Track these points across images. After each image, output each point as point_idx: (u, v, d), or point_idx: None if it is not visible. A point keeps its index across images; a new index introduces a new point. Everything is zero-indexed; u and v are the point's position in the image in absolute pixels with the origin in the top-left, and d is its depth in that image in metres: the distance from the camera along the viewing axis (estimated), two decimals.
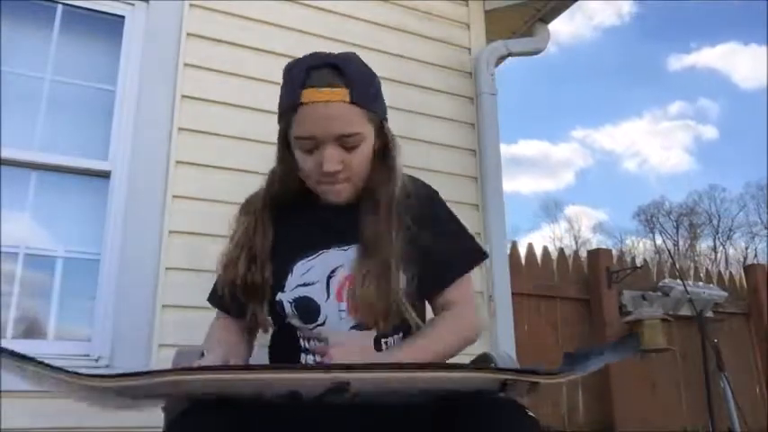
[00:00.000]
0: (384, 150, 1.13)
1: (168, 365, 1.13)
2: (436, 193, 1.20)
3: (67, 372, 0.73)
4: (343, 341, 1.01)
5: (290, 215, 1.15)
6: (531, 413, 0.82)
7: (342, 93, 1.03)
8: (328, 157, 1.04)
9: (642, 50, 48.38)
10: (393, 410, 0.94)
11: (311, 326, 1.08)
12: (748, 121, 44.72)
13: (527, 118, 45.69)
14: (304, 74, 1.04)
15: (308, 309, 1.08)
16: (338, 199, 1.10)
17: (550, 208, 30.74)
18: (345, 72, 1.04)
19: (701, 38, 51.83)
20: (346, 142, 1.04)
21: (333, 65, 1.05)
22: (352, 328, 1.07)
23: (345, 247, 1.10)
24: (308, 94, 1.02)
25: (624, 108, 51.08)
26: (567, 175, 48.51)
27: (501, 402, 0.83)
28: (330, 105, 1.02)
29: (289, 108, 1.06)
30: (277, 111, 1.10)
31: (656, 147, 47.09)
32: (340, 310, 1.07)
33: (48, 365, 0.74)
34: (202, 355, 1.01)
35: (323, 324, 1.07)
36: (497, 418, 0.81)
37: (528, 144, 45.83)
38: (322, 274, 1.09)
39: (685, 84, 47.83)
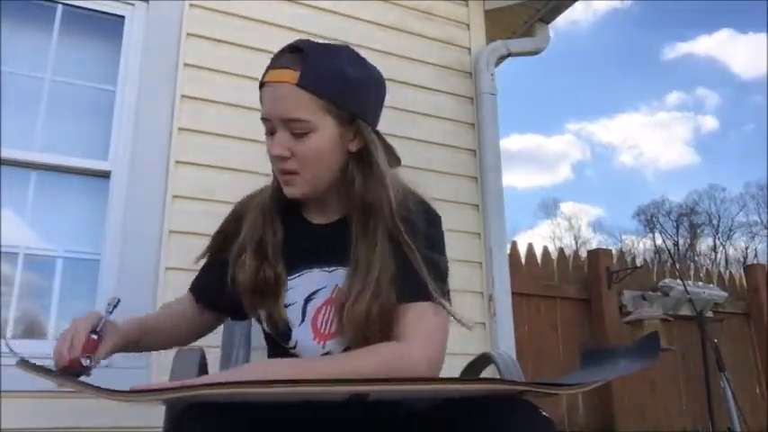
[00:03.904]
0: (365, 154, 1.02)
1: (168, 366, 1.13)
2: (438, 217, 1.08)
3: (105, 389, 0.74)
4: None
5: (280, 227, 1.09)
6: (544, 413, 0.80)
7: (289, 75, 0.96)
8: (275, 140, 0.99)
9: (637, 38, 48.07)
10: (401, 409, 0.93)
11: (287, 347, 1.04)
12: (749, 110, 44.52)
13: (519, 111, 45.43)
14: (274, 56, 1.02)
15: (281, 330, 1.03)
16: (291, 194, 1.03)
17: (550, 207, 30.80)
18: (304, 55, 0.98)
19: (696, 25, 51.49)
20: (292, 128, 0.98)
21: (296, 47, 1.00)
22: (323, 355, 1.00)
23: (330, 269, 1.03)
24: (266, 75, 1.00)
25: (619, 99, 50.94)
26: (564, 169, 48.45)
27: (514, 402, 0.81)
28: (277, 87, 0.98)
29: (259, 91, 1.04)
30: None
31: (654, 139, 47.01)
32: (313, 338, 1.01)
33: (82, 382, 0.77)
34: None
35: (294, 348, 1.02)
36: (511, 419, 0.79)
37: (522, 138, 45.60)
38: (301, 296, 1.03)
39: (682, 73, 47.63)
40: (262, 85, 1.01)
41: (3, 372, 1.64)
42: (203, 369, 1.14)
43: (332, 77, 0.98)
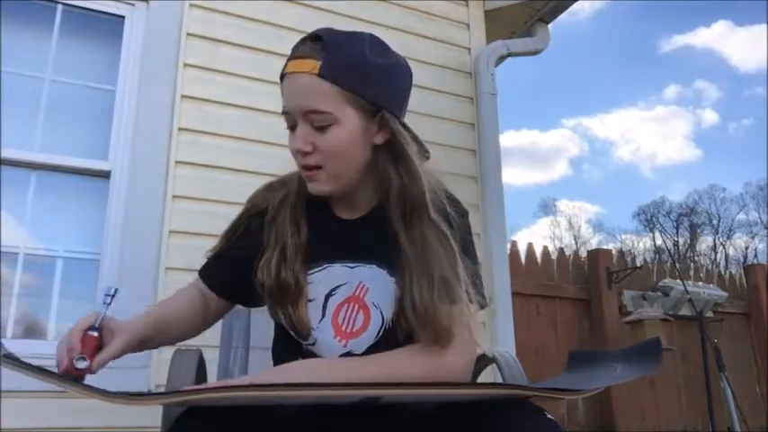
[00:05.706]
0: (395, 146, 0.99)
1: (167, 366, 1.13)
2: (467, 211, 1.09)
3: (105, 391, 0.71)
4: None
5: (305, 225, 1.05)
6: (549, 416, 0.80)
7: (310, 64, 0.92)
8: (296, 135, 0.95)
9: (633, 30, 47.27)
10: (405, 410, 0.92)
11: (303, 343, 1.00)
12: (749, 103, 44.20)
13: (513, 106, 44.80)
14: (296, 45, 0.97)
15: (300, 329, 0.99)
16: (315, 190, 0.98)
17: (550, 206, 30.81)
18: (324, 44, 0.93)
19: (694, 17, 50.62)
20: (313, 120, 0.93)
21: (316, 36, 0.95)
22: (344, 354, 0.96)
23: (352, 265, 0.99)
24: (287, 66, 0.96)
25: (616, 93, 50.34)
26: (561, 165, 48.12)
27: (520, 404, 0.81)
28: (297, 77, 0.93)
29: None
30: None
31: (653, 134, 46.65)
32: (334, 336, 0.97)
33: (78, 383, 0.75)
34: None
35: (313, 345, 0.98)
36: (518, 422, 0.79)
37: (517, 134, 44.96)
38: (322, 291, 0.99)
39: (680, 66, 47.09)
40: (282, 76, 0.97)
41: (3, 372, 1.64)
42: (201, 369, 1.13)
43: (354, 67, 0.94)
